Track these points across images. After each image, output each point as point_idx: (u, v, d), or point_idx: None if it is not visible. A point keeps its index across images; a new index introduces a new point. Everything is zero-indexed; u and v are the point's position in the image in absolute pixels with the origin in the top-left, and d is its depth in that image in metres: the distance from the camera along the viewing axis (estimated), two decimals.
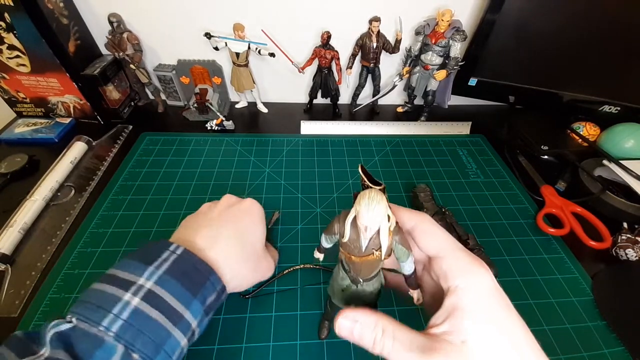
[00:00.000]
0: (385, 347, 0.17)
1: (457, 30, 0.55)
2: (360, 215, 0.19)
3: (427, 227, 0.21)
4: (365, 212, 0.18)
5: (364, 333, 0.18)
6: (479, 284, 0.18)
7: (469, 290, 0.17)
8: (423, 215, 0.21)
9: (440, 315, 0.18)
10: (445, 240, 0.20)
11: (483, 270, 0.18)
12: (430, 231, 0.21)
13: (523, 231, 0.47)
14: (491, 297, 0.17)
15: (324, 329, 0.34)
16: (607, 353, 0.34)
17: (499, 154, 0.60)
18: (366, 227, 0.19)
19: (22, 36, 0.49)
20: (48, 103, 0.59)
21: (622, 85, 0.58)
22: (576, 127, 0.62)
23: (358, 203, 0.19)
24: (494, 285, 0.18)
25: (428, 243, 0.20)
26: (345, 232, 0.20)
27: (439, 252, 0.20)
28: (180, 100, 0.67)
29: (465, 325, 0.16)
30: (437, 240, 0.20)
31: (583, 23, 0.53)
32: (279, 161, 0.55)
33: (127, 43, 0.57)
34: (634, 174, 0.48)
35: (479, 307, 0.17)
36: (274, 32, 0.58)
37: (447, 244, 0.20)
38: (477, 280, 0.18)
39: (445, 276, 0.18)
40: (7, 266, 0.39)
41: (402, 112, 0.71)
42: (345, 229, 0.20)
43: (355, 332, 0.18)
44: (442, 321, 0.17)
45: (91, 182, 0.50)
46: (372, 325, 0.18)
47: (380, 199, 0.18)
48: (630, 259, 0.42)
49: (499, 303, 0.17)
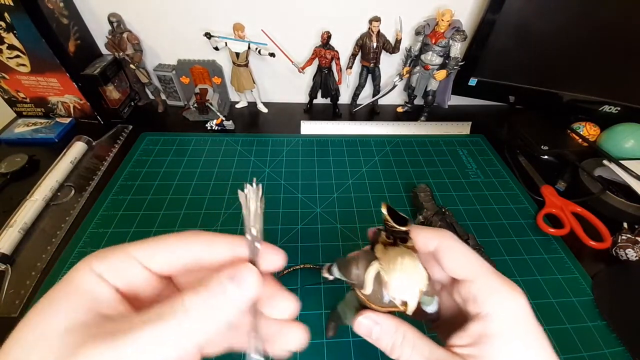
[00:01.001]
0: (404, 353, 0.17)
1: (457, 30, 0.55)
2: (392, 287, 0.16)
3: (452, 246, 0.19)
4: (399, 285, 0.16)
5: (382, 336, 0.18)
6: (513, 312, 0.17)
7: (502, 319, 0.16)
8: (445, 233, 0.20)
9: (464, 337, 0.17)
10: (474, 261, 0.18)
11: (517, 296, 0.17)
12: (456, 251, 0.19)
13: (523, 231, 0.47)
14: (524, 326, 0.17)
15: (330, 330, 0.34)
16: (607, 353, 0.34)
17: (499, 154, 0.60)
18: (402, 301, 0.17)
19: (22, 36, 0.49)
20: (48, 103, 0.59)
21: (622, 85, 0.58)
22: (576, 127, 0.62)
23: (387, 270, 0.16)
24: (528, 313, 0.17)
25: (455, 265, 0.19)
26: (366, 286, 0.17)
27: (468, 275, 0.18)
28: (180, 100, 0.67)
29: (495, 354, 0.16)
30: (465, 261, 0.19)
31: (583, 23, 0.53)
32: (279, 161, 0.55)
33: (127, 43, 0.57)
34: (634, 174, 0.48)
35: (511, 338, 0.16)
36: (274, 32, 0.58)
37: (476, 265, 0.18)
38: (511, 308, 0.17)
39: (475, 300, 0.17)
40: (7, 266, 0.38)
41: (402, 112, 0.71)
42: (367, 283, 0.17)
43: (374, 333, 0.18)
44: (467, 344, 0.17)
45: (91, 182, 0.50)
46: (393, 330, 0.18)
47: (416, 266, 0.16)
48: (630, 259, 0.42)
49: (531, 333, 0.16)
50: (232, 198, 0.48)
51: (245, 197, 0.16)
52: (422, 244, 0.19)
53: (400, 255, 0.17)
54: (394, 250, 0.17)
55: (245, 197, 0.16)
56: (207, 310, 0.14)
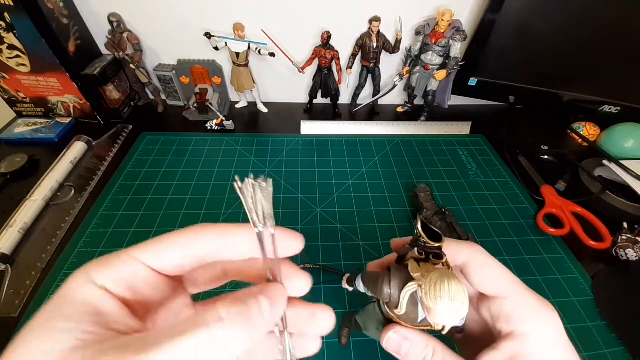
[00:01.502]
0: None
1: (457, 30, 0.55)
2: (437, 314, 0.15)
3: (483, 262, 0.18)
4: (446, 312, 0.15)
5: (412, 351, 0.17)
6: (548, 333, 0.16)
7: (537, 339, 0.16)
8: (474, 247, 0.19)
9: (496, 356, 0.16)
10: (506, 277, 0.18)
11: (552, 316, 0.17)
12: (488, 267, 0.18)
13: (523, 231, 0.47)
14: (560, 348, 0.16)
15: (343, 337, 0.32)
16: (607, 353, 0.34)
17: (499, 154, 0.60)
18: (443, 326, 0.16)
19: (22, 36, 0.49)
20: (48, 103, 0.59)
21: (622, 85, 0.58)
22: (576, 127, 0.62)
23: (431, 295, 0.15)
24: (563, 334, 0.17)
25: (486, 281, 0.18)
26: (401, 307, 0.16)
27: (501, 292, 0.17)
28: (180, 100, 0.67)
29: None
30: (497, 277, 0.18)
31: (583, 23, 0.53)
32: (279, 161, 0.55)
33: (127, 43, 0.57)
34: (634, 174, 0.48)
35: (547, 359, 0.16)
36: (274, 31, 0.58)
37: (509, 282, 0.18)
38: (546, 328, 0.16)
39: (509, 319, 0.17)
40: (7, 266, 0.38)
41: (402, 112, 0.71)
42: (402, 304, 0.16)
43: (404, 349, 0.17)
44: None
45: (91, 182, 0.50)
46: (423, 345, 0.17)
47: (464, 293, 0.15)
48: (630, 259, 0.42)
49: (567, 355, 0.16)
50: (232, 198, 0.48)
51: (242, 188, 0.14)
52: (450, 257, 0.18)
53: (446, 279, 0.15)
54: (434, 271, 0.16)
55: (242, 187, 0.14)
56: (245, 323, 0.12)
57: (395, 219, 0.47)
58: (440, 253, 0.17)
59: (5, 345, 0.12)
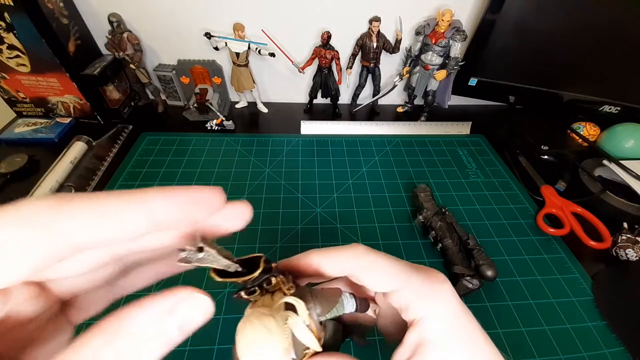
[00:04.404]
0: None
1: (457, 30, 0.55)
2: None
3: (365, 264, 0.17)
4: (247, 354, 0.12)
5: None
6: (442, 311, 0.16)
7: (433, 321, 0.15)
8: (355, 249, 0.17)
9: (404, 351, 0.16)
10: (393, 270, 0.16)
11: (443, 292, 0.16)
12: (372, 266, 0.17)
13: (523, 231, 0.47)
14: (457, 323, 0.15)
15: None
16: (607, 353, 0.34)
17: (499, 154, 0.60)
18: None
19: (22, 36, 0.49)
20: (48, 103, 0.59)
21: (622, 85, 0.58)
22: (576, 127, 0.62)
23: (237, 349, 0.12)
24: (459, 308, 0.16)
25: (374, 282, 0.16)
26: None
27: (392, 286, 0.16)
28: (180, 100, 0.67)
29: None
30: (383, 275, 0.16)
31: (583, 23, 0.53)
32: (279, 161, 0.55)
33: (127, 43, 0.57)
34: (634, 174, 0.48)
35: (445, 340, 0.15)
36: (274, 32, 0.58)
37: (396, 275, 0.16)
38: (440, 307, 0.16)
39: (405, 309, 0.16)
40: None
41: (402, 112, 0.71)
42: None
43: None
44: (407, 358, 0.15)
45: (91, 182, 0.50)
46: None
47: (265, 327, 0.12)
48: (630, 259, 0.42)
49: (465, 328, 0.15)
50: (232, 198, 0.48)
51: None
52: (333, 269, 0.17)
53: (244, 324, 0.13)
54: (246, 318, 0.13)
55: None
56: None
57: (395, 219, 0.47)
58: (268, 277, 0.14)
59: None
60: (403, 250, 0.43)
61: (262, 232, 0.44)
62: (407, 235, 0.45)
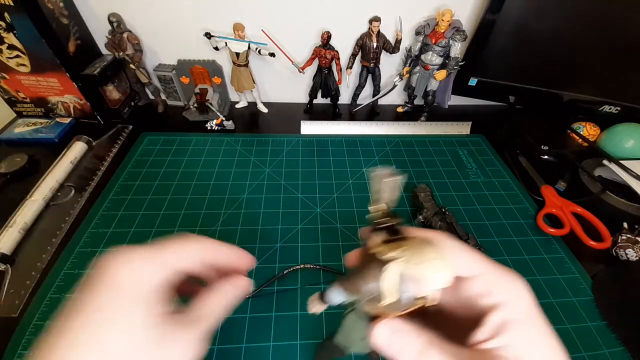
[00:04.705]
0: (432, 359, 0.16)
1: (457, 30, 0.55)
2: (427, 279, 0.14)
3: (451, 246, 0.18)
4: (437, 273, 0.15)
5: (405, 344, 0.16)
6: (523, 298, 0.17)
7: (516, 305, 0.17)
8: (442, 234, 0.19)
9: (485, 331, 0.16)
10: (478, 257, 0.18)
11: (522, 284, 0.17)
12: (456, 250, 0.18)
13: (523, 231, 0.47)
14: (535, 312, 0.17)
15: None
16: (607, 353, 0.34)
17: (499, 154, 0.60)
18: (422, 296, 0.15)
19: (22, 36, 0.49)
20: (48, 103, 0.59)
21: (622, 85, 0.58)
22: (576, 127, 0.62)
23: (418, 262, 0.15)
24: (534, 300, 0.17)
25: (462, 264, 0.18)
26: (387, 293, 0.15)
27: (472, 271, 0.18)
28: (180, 100, 0.67)
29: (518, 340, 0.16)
30: (469, 258, 0.18)
31: (583, 23, 0.53)
32: (279, 161, 0.55)
33: (127, 43, 0.57)
34: (634, 174, 0.48)
35: (528, 322, 0.16)
36: (274, 32, 0.58)
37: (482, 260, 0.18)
38: (521, 294, 0.17)
39: (486, 294, 0.17)
40: (7, 266, 0.38)
41: (402, 112, 0.71)
42: (386, 290, 0.15)
43: (396, 342, 0.17)
44: (489, 336, 0.16)
45: (91, 182, 0.50)
46: (415, 336, 0.16)
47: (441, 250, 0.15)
48: (630, 259, 0.42)
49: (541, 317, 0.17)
50: (232, 198, 0.48)
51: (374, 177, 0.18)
52: None
53: (423, 243, 0.15)
54: (405, 244, 0.16)
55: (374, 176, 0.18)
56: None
57: None
58: (398, 229, 0.17)
59: (6, 345, 0.11)
60: None
61: (262, 232, 0.44)
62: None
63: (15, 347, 0.32)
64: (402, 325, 0.17)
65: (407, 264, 0.15)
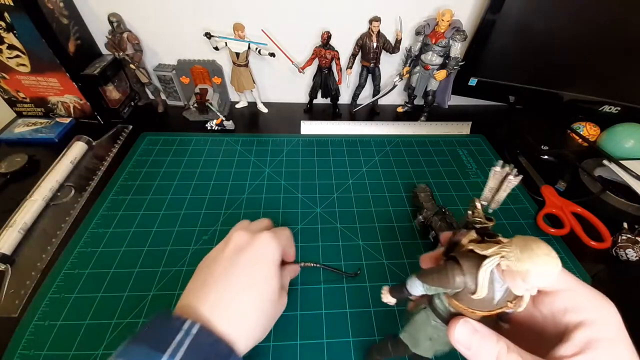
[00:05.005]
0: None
1: (457, 30, 0.55)
2: (535, 273, 0.14)
3: None
4: (546, 267, 0.14)
5: (484, 345, 0.17)
6: (612, 318, 0.17)
7: (605, 324, 0.17)
8: None
9: (570, 347, 0.16)
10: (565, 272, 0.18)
11: (611, 305, 0.18)
12: None
13: (523, 231, 0.47)
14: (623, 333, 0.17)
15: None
16: None
17: (499, 154, 0.60)
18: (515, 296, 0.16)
19: (22, 36, 0.49)
20: (48, 103, 0.59)
21: (622, 85, 0.58)
22: (576, 127, 0.62)
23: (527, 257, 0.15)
24: (622, 321, 0.17)
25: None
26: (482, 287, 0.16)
27: (563, 286, 0.18)
28: (180, 100, 0.67)
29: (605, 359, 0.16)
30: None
31: (583, 23, 0.53)
32: (279, 161, 0.55)
33: (127, 43, 0.57)
34: (634, 174, 0.48)
35: (617, 342, 0.17)
36: (274, 32, 0.58)
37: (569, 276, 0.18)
38: (610, 314, 0.17)
39: (572, 310, 0.17)
40: (7, 266, 0.39)
41: (402, 112, 0.71)
42: (482, 283, 0.16)
43: (475, 342, 0.17)
44: (574, 352, 0.16)
45: (91, 182, 0.50)
46: (495, 339, 0.17)
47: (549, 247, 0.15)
48: (630, 259, 0.42)
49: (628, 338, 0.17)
50: (232, 198, 0.48)
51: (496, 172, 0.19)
52: None
53: (531, 239, 0.15)
54: (510, 241, 0.16)
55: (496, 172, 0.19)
56: None
57: (395, 219, 0.47)
58: (492, 232, 0.18)
59: (6, 345, 0.12)
60: (403, 250, 0.43)
61: None
62: (407, 235, 0.45)
63: (16, 347, 0.32)
64: (483, 327, 0.17)
65: (511, 260, 0.15)
